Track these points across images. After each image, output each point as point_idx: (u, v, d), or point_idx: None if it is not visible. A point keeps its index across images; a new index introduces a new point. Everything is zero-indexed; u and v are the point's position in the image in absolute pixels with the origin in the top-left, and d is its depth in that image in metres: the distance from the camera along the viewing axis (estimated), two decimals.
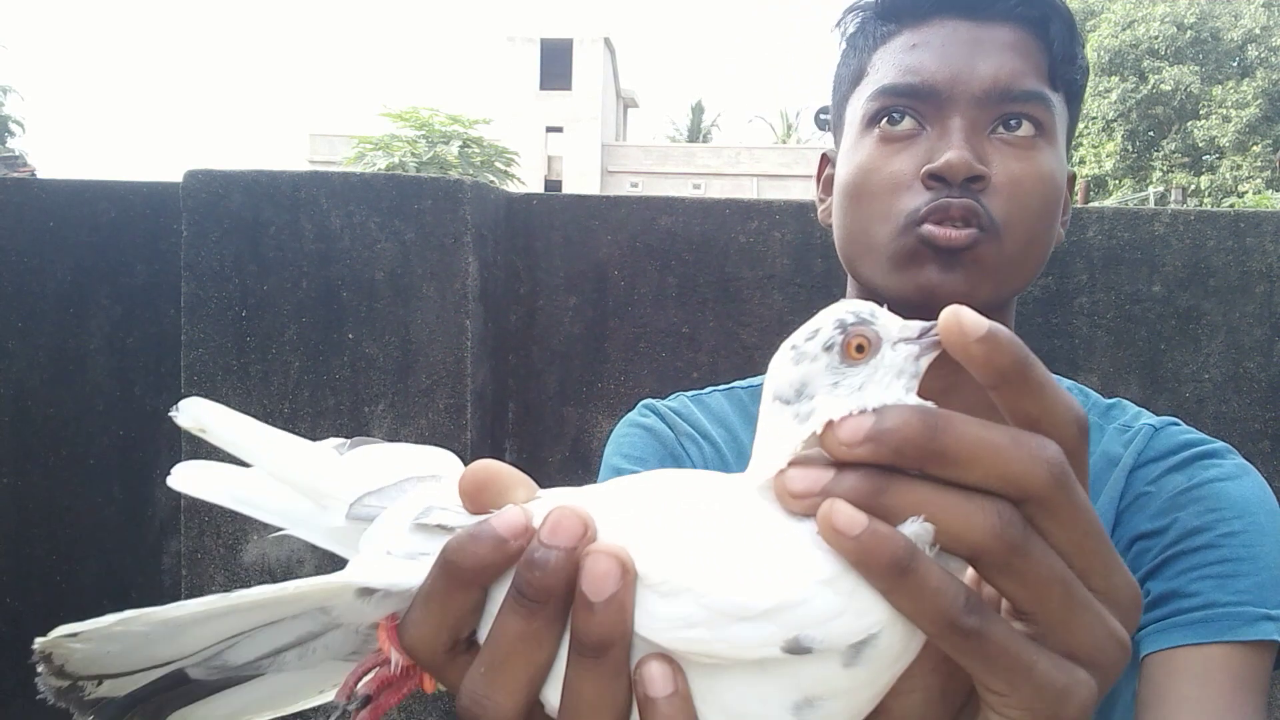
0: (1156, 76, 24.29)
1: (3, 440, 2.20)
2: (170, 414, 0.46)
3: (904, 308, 0.80)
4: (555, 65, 35.18)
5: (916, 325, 0.36)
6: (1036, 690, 0.34)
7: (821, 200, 0.94)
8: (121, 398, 2.21)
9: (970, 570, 0.35)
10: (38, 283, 2.21)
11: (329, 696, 0.43)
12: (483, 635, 0.38)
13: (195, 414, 0.47)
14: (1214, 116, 24.12)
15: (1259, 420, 2.10)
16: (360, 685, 0.40)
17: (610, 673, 0.35)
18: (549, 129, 35.39)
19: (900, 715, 0.37)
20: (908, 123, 0.79)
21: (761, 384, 0.94)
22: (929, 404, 0.35)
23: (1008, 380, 0.34)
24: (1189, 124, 24.56)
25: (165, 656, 0.40)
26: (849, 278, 0.88)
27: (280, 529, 0.44)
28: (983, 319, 0.34)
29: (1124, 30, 24.30)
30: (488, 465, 0.39)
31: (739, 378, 0.97)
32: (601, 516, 0.36)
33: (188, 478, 0.46)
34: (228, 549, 1.98)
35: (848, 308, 0.36)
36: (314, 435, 0.46)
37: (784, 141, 47.37)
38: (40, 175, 10.09)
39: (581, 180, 34.06)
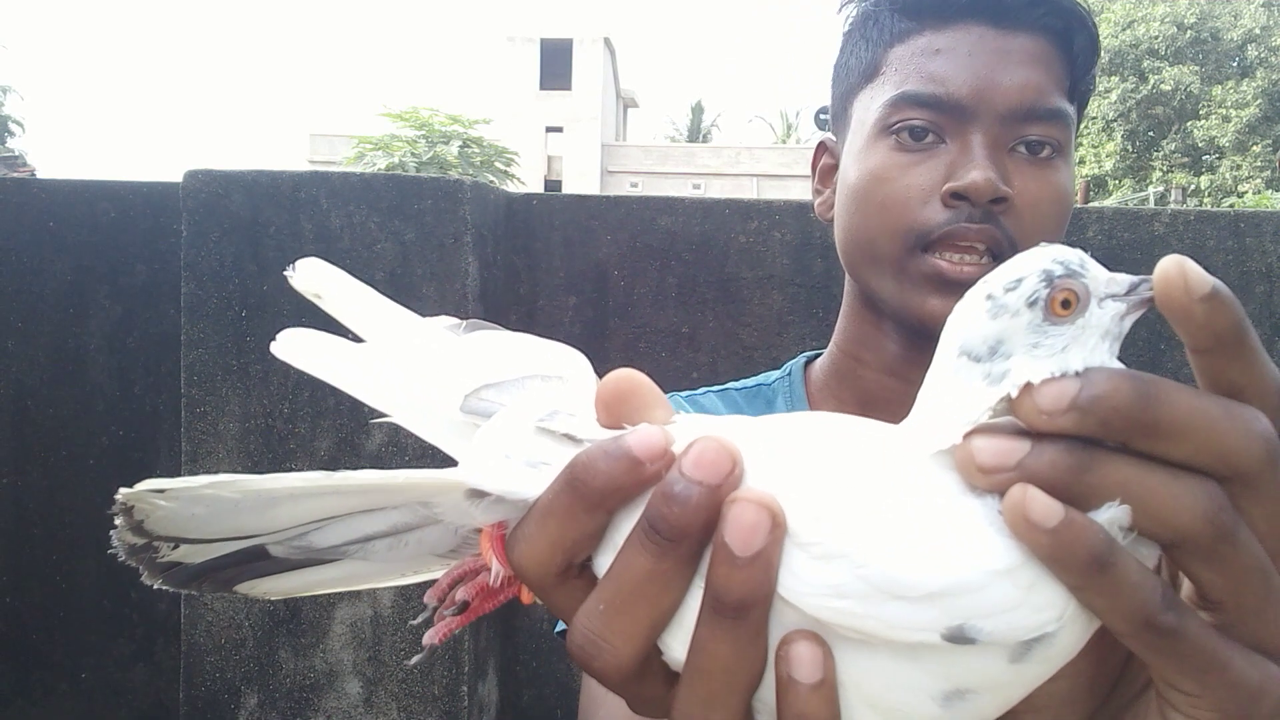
0: (1156, 76, 24.30)
1: (3, 440, 2.20)
2: (285, 273, 0.42)
3: (902, 324, 0.80)
4: (555, 65, 35.17)
5: (1125, 279, 0.33)
6: (1230, 690, 0.31)
7: (819, 192, 0.91)
8: (121, 398, 2.21)
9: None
10: (38, 283, 2.21)
11: (405, 581, 0.41)
12: (599, 563, 0.35)
13: (313, 276, 0.42)
14: (1214, 116, 24.13)
15: None
16: (457, 590, 0.38)
17: (749, 635, 0.31)
18: (549, 129, 35.39)
19: (1044, 704, 0.35)
20: (929, 135, 0.76)
21: (754, 386, 0.95)
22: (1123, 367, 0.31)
23: (1224, 345, 0.31)
24: (1189, 124, 24.57)
25: (250, 529, 0.38)
26: (847, 276, 0.87)
27: (385, 415, 0.40)
28: (1206, 274, 0.30)
29: (1124, 30, 24.30)
30: (631, 375, 0.35)
31: (739, 378, 0.97)
32: (749, 454, 0.32)
33: (293, 346, 0.41)
34: None
35: (1054, 255, 0.32)
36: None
37: (784, 141, 47.37)
38: (40, 175, 10.10)
39: (581, 180, 34.06)
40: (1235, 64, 25.05)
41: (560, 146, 35.38)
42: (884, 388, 0.84)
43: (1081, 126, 0.87)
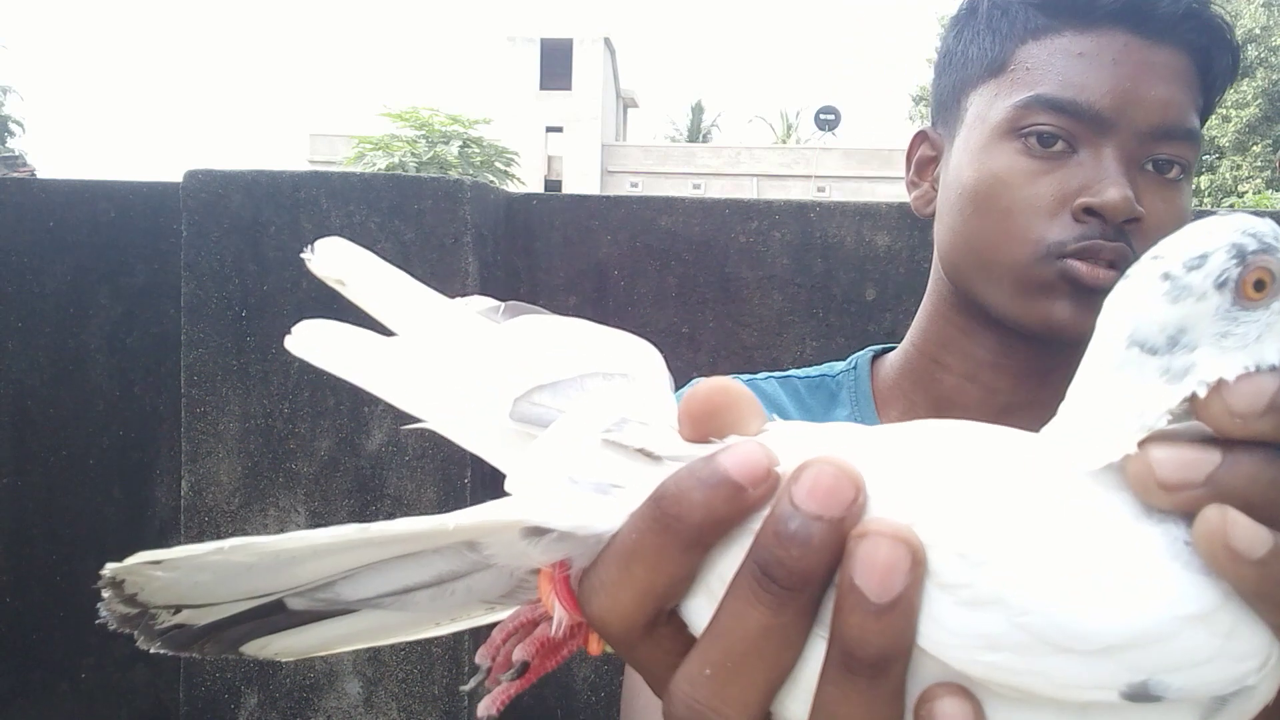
0: None
1: (3, 440, 2.20)
2: (303, 255, 0.36)
3: (1011, 330, 0.75)
4: (555, 65, 35.18)
5: None
6: None
7: (915, 184, 0.87)
8: (121, 398, 2.21)
9: None
10: (38, 283, 2.21)
11: (443, 630, 0.35)
12: (689, 608, 0.29)
13: (335, 259, 0.36)
14: (1214, 116, 24.09)
15: None
16: (514, 648, 0.32)
17: (888, 695, 0.26)
18: (549, 129, 35.40)
19: None
20: (1059, 142, 0.73)
21: (817, 377, 0.88)
22: None
23: None
24: None
25: (266, 588, 0.32)
26: (934, 275, 0.83)
27: (419, 421, 0.34)
28: None
29: None
30: (726, 387, 0.30)
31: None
32: (869, 475, 0.27)
33: (310, 340, 0.35)
34: None
35: (1243, 226, 0.27)
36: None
37: (784, 141, 47.37)
38: (40, 175, 10.10)
39: (581, 180, 34.07)
40: None
41: (560, 146, 35.39)
42: (961, 392, 0.81)
43: None
